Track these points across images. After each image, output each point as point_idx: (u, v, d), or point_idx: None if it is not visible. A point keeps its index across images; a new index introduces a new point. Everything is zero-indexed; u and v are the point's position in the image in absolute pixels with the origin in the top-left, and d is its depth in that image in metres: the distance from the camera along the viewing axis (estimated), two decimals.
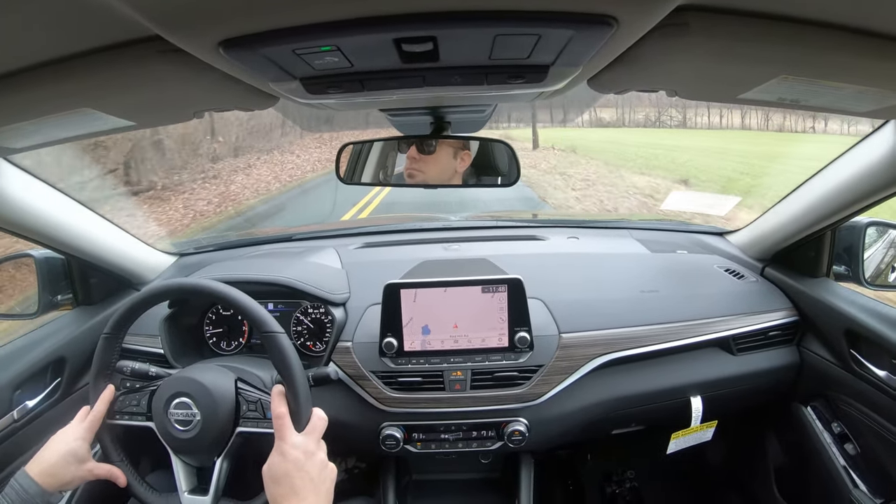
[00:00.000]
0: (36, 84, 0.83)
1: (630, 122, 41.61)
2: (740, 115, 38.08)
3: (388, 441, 1.57)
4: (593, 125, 41.27)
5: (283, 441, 1.11)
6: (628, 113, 41.85)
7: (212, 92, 0.95)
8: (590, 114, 41.81)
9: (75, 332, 1.70)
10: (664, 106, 38.15)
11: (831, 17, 0.71)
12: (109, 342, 1.29)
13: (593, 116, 42.39)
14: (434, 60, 0.76)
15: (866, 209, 1.50)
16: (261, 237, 2.52)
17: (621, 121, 41.79)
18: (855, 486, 1.58)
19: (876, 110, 1.04)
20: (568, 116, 38.67)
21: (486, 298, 1.56)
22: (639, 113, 41.55)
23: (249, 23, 0.63)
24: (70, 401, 1.68)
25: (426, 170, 1.59)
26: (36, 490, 1.11)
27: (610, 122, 42.13)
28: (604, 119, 42.61)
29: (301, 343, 1.67)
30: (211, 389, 1.24)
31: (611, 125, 41.07)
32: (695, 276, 1.90)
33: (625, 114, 42.14)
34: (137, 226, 9.21)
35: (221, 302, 1.49)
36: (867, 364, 1.53)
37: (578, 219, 2.71)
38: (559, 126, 37.32)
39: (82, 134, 1.14)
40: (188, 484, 1.28)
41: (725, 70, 0.87)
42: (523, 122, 31.12)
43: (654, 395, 1.68)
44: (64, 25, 0.70)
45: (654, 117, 41.58)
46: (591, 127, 40.31)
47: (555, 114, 37.01)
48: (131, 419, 1.29)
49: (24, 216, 1.44)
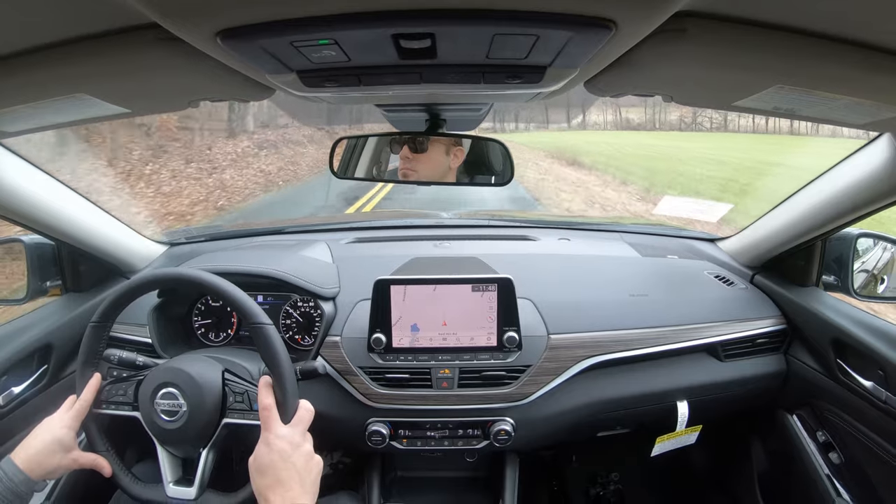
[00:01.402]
0: (32, 68, 0.83)
1: (662, 123, 37.12)
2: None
3: (374, 437, 1.57)
4: (619, 127, 36.85)
5: (270, 432, 1.11)
6: (659, 113, 37.18)
7: (208, 81, 0.95)
8: (615, 114, 37.61)
9: (63, 319, 1.69)
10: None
11: (828, 28, 0.71)
12: (97, 331, 1.28)
13: (619, 117, 38.17)
14: (432, 57, 0.76)
15: (857, 220, 1.50)
16: (252, 229, 2.51)
17: (652, 122, 37.31)
18: (838, 495, 1.60)
19: (870, 122, 1.04)
20: (589, 119, 35.26)
21: (475, 297, 1.56)
22: (672, 114, 36.92)
23: (248, 13, 0.63)
24: (56, 388, 1.67)
25: (419, 168, 1.59)
26: (21, 478, 1.11)
27: (639, 123, 37.96)
28: (632, 120, 38.36)
29: (290, 336, 1.67)
30: (198, 380, 1.24)
31: (640, 128, 36.71)
32: (685, 282, 1.91)
33: (655, 114, 37.47)
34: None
35: (210, 293, 1.49)
36: (853, 374, 1.54)
37: (570, 220, 2.71)
38: (577, 129, 33.62)
39: (76, 119, 1.13)
40: (173, 475, 1.27)
41: (722, 77, 0.87)
42: (535, 122, 29.45)
43: (640, 399, 1.69)
44: (62, 10, 0.70)
45: (689, 119, 37.01)
46: (615, 129, 35.79)
47: (573, 113, 33.63)
48: (117, 409, 1.28)
49: (14, 200, 1.43)
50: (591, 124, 36.58)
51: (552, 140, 25.67)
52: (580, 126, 34.40)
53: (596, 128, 35.83)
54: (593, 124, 37.43)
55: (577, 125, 34.83)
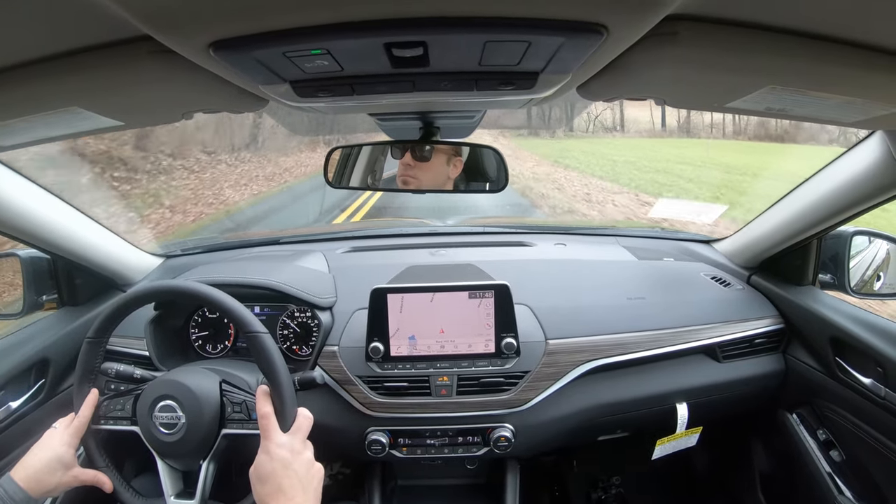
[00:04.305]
0: (24, 82, 0.82)
1: (700, 127, 28.66)
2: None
3: (373, 446, 1.57)
4: (651, 134, 29.15)
5: (269, 440, 1.11)
6: (695, 114, 27.85)
7: (201, 93, 0.95)
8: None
9: (60, 333, 1.69)
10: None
11: (819, 28, 0.72)
12: (93, 346, 1.28)
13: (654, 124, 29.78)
14: (424, 66, 0.76)
15: (852, 218, 1.51)
16: (248, 240, 2.50)
17: (684, 128, 28.98)
18: (840, 493, 1.60)
19: (862, 121, 1.05)
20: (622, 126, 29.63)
21: (472, 304, 1.56)
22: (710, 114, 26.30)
23: (240, 25, 0.63)
24: (54, 402, 1.66)
25: (421, 176, 1.59)
26: (22, 496, 1.11)
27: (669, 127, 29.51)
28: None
29: (287, 347, 1.67)
30: (195, 392, 1.23)
31: (672, 134, 28.86)
32: (681, 284, 1.91)
33: (692, 115, 28.32)
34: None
35: (207, 304, 1.48)
36: (852, 372, 1.55)
37: (566, 225, 2.71)
38: (609, 135, 29.11)
39: (70, 133, 1.13)
40: (174, 488, 1.27)
41: (714, 79, 0.88)
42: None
43: (639, 402, 1.69)
44: (54, 24, 0.70)
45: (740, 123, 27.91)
46: (646, 137, 28.76)
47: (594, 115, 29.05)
48: (116, 424, 1.28)
49: (9, 215, 1.43)
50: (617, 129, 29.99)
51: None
52: (618, 132, 28.71)
53: (622, 135, 29.23)
54: (622, 130, 30.23)
55: (617, 131, 29.26)
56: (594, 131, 30.93)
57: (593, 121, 31.51)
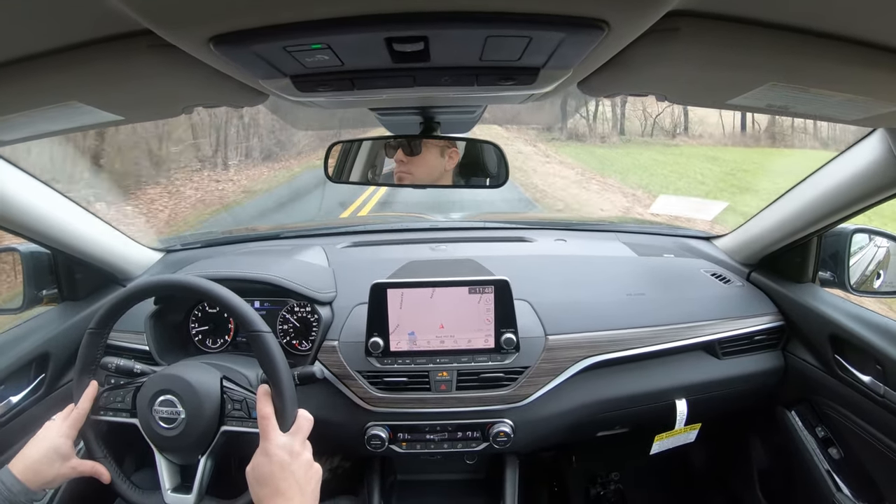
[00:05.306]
0: (24, 76, 0.82)
1: (789, 133, 22.23)
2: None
3: (373, 441, 1.57)
4: (732, 140, 22.84)
5: (268, 441, 1.11)
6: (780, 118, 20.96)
7: (201, 88, 0.95)
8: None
9: (60, 328, 1.69)
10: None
11: (821, 25, 0.71)
12: (94, 338, 1.28)
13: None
14: (425, 60, 0.76)
15: (853, 216, 1.51)
16: (248, 234, 2.51)
17: (769, 132, 22.43)
18: (838, 490, 1.60)
19: (863, 118, 1.05)
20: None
21: (472, 299, 1.56)
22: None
23: (241, 19, 0.63)
24: (54, 397, 1.66)
25: (415, 171, 1.58)
26: (20, 488, 1.10)
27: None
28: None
29: (287, 341, 1.67)
30: (196, 387, 1.23)
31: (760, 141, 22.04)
32: (681, 280, 1.91)
33: (736, 114, 21.25)
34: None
35: (207, 299, 1.48)
36: (851, 369, 1.55)
37: (566, 221, 2.70)
38: (673, 141, 23.02)
39: (69, 128, 1.13)
40: (172, 482, 1.27)
41: (715, 76, 0.87)
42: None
43: (639, 398, 1.69)
44: (53, 18, 0.69)
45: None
46: (728, 145, 22.28)
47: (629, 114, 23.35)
48: (115, 415, 1.28)
49: (9, 210, 1.42)
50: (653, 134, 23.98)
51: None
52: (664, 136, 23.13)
53: (673, 139, 23.41)
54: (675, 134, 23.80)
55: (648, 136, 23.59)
56: (654, 133, 24.12)
57: (653, 122, 24.19)
